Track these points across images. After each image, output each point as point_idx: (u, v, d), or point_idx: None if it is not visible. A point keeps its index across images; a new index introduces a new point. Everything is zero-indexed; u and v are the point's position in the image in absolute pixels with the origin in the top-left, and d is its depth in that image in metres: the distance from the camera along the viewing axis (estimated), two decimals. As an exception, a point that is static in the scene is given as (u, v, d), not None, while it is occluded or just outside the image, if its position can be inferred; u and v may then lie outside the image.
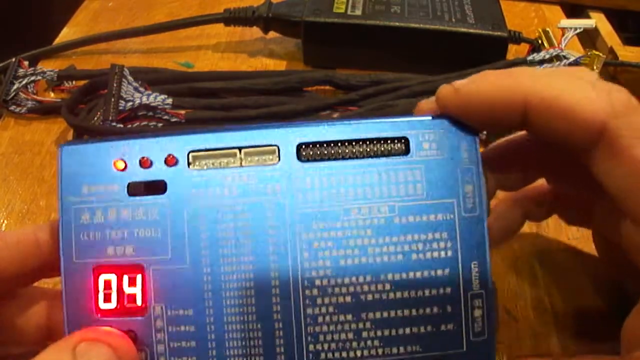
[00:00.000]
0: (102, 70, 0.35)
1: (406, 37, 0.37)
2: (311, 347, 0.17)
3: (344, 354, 0.17)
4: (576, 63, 0.33)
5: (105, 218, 0.18)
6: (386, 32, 0.37)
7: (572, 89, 0.17)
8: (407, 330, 0.17)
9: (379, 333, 0.17)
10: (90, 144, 0.18)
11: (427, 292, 0.17)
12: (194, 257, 0.17)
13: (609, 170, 0.16)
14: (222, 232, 0.17)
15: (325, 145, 0.18)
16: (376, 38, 0.37)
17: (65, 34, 0.43)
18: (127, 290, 0.17)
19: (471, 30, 0.36)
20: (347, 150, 0.18)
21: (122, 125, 0.32)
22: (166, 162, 0.18)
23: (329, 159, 0.18)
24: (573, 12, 0.46)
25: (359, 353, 0.17)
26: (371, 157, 0.18)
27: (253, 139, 0.18)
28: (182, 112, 0.33)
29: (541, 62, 0.34)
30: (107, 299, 0.17)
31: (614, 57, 0.40)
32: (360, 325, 0.17)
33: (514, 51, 0.38)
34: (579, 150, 0.17)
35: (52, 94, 0.37)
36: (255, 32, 0.40)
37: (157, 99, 0.33)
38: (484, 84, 0.18)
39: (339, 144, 0.18)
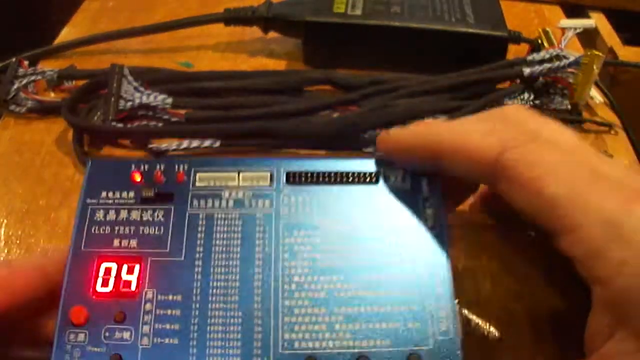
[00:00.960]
0: (102, 70, 0.35)
1: (406, 37, 0.37)
2: (286, 335, 0.19)
3: (317, 344, 0.18)
4: (576, 63, 0.33)
5: (117, 217, 0.20)
6: (386, 32, 0.37)
7: (469, 133, 0.19)
8: (377, 326, 0.19)
9: (350, 326, 0.19)
10: (115, 161, 0.22)
11: (395, 292, 0.19)
12: (190, 252, 0.20)
13: (512, 197, 0.19)
14: (216, 234, 0.20)
15: (309, 174, 0.21)
16: (376, 38, 0.37)
17: (66, 34, 0.43)
18: (125, 277, 0.19)
19: (471, 30, 0.36)
20: (327, 179, 0.21)
21: (122, 125, 0.32)
22: (176, 178, 0.21)
23: (313, 184, 0.21)
24: (573, 12, 0.46)
25: (330, 344, 0.18)
26: (347, 184, 0.21)
27: (251, 165, 0.21)
28: (182, 111, 0.33)
29: (541, 61, 0.34)
30: (104, 283, 0.19)
31: (613, 57, 0.40)
32: (333, 319, 0.19)
33: (514, 51, 0.38)
34: (488, 184, 0.19)
35: (52, 94, 0.37)
36: (255, 32, 0.40)
37: (157, 98, 0.33)
38: (408, 133, 0.21)
39: (321, 174, 0.21)
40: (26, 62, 0.37)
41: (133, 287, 0.19)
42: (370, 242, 0.20)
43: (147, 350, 0.18)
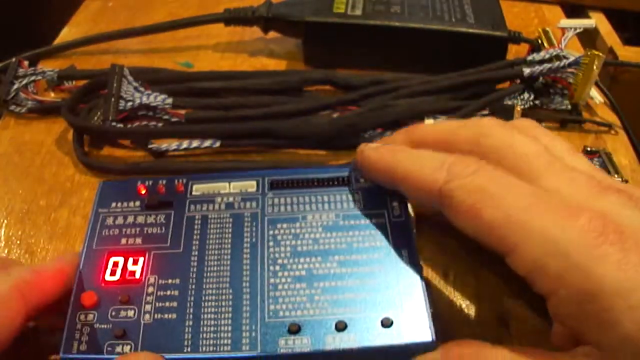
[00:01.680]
0: (102, 70, 0.35)
1: (406, 37, 0.37)
2: (272, 307, 0.21)
3: (299, 313, 0.21)
4: (576, 63, 0.33)
5: (125, 221, 0.24)
6: (386, 32, 0.37)
7: (422, 165, 0.21)
8: (352, 296, 0.21)
9: (328, 298, 0.21)
10: (124, 181, 0.26)
11: (367, 269, 0.22)
12: (187, 245, 0.23)
13: (457, 224, 0.20)
14: (210, 229, 0.24)
15: (290, 180, 0.25)
16: (376, 38, 0.37)
17: (65, 34, 0.43)
18: (130, 268, 0.22)
19: (471, 30, 0.36)
20: (306, 183, 0.25)
21: (122, 125, 0.32)
22: (176, 189, 0.25)
23: (293, 188, 0.25)
24: (573, 12, 0.46)
25: (311, 312, 0.21)
26: (322, 187, 0.25)
27: (240, 178, 0.25)
28: (182, 112, 0.33)
29: (541, 61, 0.34)
30: (112, 273, 0.22)
31: (613, 57, 0.40)
32: (313, 292, 0.21)
33: (514, 51, 0.38)
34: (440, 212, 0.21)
35: (52, 94, 0.37)
36: (255, 32, 0.40)
37: (157, 98, 0.33)
38: (376, 155, 0.23)
39: (300, 180, 0.25)
40: (26, 62, 0.37)
41: (137, 275, 0.22)
42: (344, 230, 0.23)
43: (149, 325, 0.21)
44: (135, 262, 0.22)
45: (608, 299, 0.16)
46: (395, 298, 0.21)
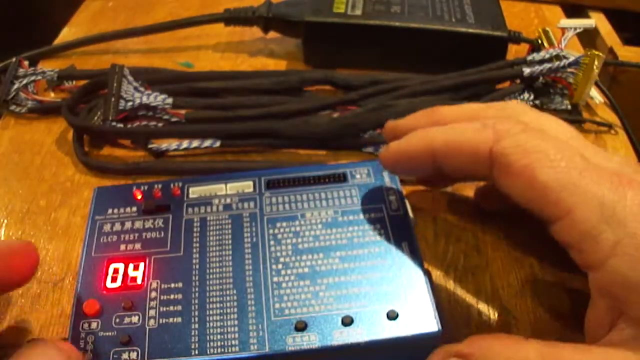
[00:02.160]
0: (102, 70, 0.35)
1: (406, 37, 0.37)
2: (277, 305, 0.21)
3: (304, 310, 0.21)
4: (576, 63, 0.33)
5: (122, 227, 0.24)
6: (386, 32, 0.37)
7: (462, 131, 0.20)
8: (356, 290, 0.22)
9: (332, 293, 0.22)
10: (119, 186, 0.26)
11: (370, 262, 0.22)
12: (188, 248, 0.23)
13: (508, 186, 0.19)
14: (210, 232, 0.24)
15: (287, 179, 0.25)
16: (376, 38, 0.37)
17: (65, 34, 0.43)
18: (131, 274, 0.22)
19: (471, 30, 0.36)
20: (302, 181, 0.25)
21: (122, 125, 0.32)
22: (172, 193, 0.25)
23: (290, 186, 0.25)
24: (573, 12, 0.46)
25: (317, 308, 0.21)
26: (319, 184, 0.25)
27: (236, 179, 0.25)
28: (182, 112, 0.33)
29: (541, 61, 0.34)
30: (113, 280, 0.22)
31: (613, 57, 0.40)
32: (317, 288, 0.22)
33: (514, 51, 0.38)
34: (484, 178, 0.20)
35: (52, 94, 0.37)
36: (255, 32, 0.40)
37: (157, 98, 0.33)
38: (404, 142, 0.22)
39: (297, 179, 0.25)
40: (26, 62, 0.37)
41: (139, 281, 0.22)
42: (344, 225, 0.24)
43: (154, 329, 0.21)
44: (135, 268, 0.22)
45: None
46: (399, 290, 0.21)
